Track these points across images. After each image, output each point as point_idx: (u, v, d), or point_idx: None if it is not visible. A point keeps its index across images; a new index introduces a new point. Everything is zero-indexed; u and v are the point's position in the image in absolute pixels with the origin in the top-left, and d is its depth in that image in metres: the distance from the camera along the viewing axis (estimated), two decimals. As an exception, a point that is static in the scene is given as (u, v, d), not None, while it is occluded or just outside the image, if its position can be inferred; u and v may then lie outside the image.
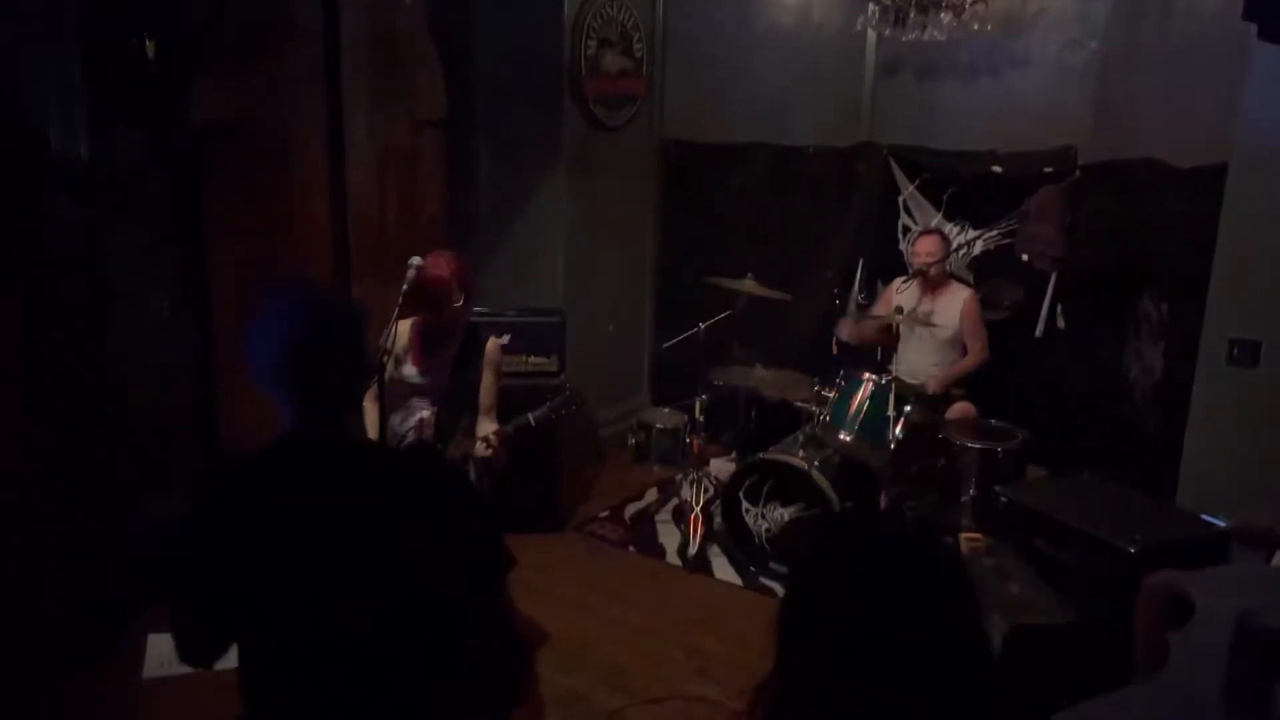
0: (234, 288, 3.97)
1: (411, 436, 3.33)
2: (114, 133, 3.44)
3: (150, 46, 3.34)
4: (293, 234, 4.25)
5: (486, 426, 3.37)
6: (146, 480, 3.66)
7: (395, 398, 3.33)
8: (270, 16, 4.01)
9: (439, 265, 3.22)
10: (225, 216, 3.94)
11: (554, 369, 4.59)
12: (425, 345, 3.38)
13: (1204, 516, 2.02)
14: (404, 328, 3.34)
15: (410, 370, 3.37)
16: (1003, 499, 3.39)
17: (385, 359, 3.00)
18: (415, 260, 3.03)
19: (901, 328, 4.35)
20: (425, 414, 3.37)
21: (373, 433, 3.22)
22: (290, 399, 1.62)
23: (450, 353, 3.38)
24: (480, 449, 3.19)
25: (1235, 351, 3.28)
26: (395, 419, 3.36)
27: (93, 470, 3.54)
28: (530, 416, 3.27)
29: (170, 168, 3.71)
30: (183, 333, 3.85)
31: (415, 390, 3.38)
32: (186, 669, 1.74)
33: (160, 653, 3.41)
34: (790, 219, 5.57)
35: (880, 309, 4.82)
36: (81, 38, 3.26)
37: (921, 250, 4.60)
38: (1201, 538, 2.93)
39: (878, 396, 4.04)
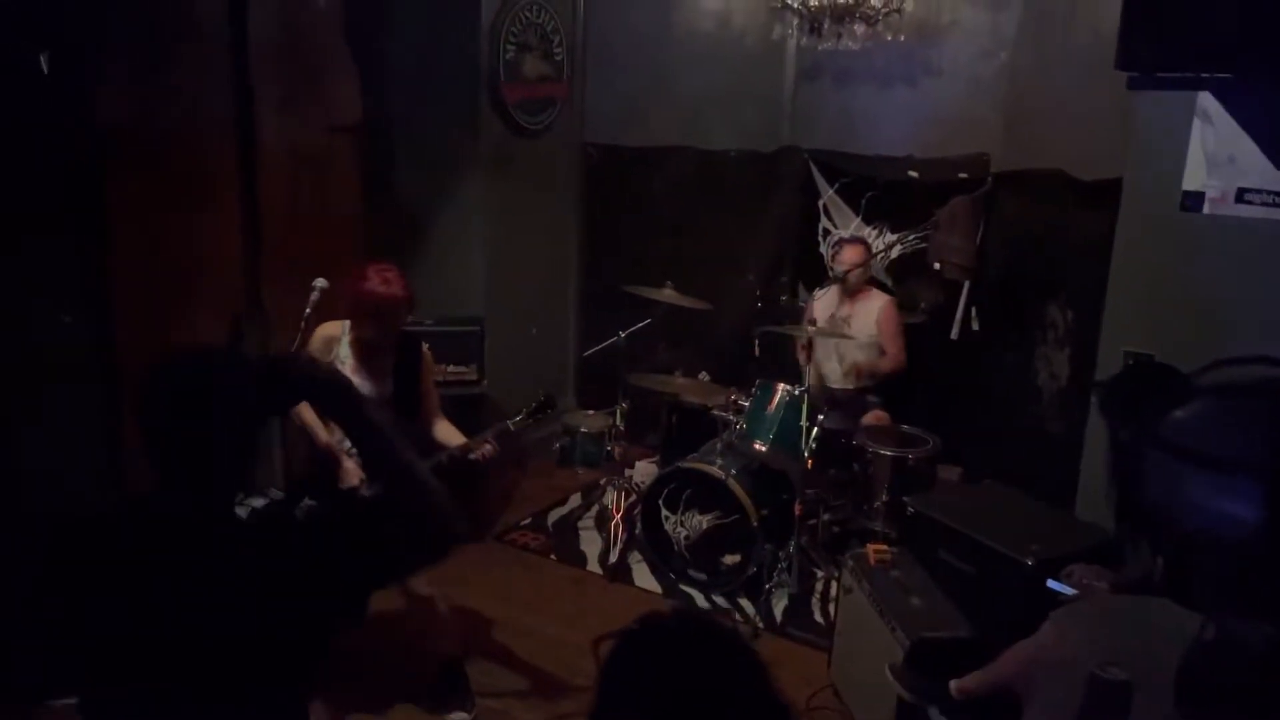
0: (141, 295, 3.89)
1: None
2: (9, 143, 3.34)
3: (44, 60, 3.24)
4: (202, 239, 4.17)
5: (445, 429, 3.37)
6: (46, 494, 3.57)
7: None
8: (173, 19, 3.91)
9: (392, 283, 3.11)
10: (131, 223, 3.85)
11: (474, 377, 4.57)
12: (367, 358, 3.30)
13: (1050, 583, 2.10)
14: (329, 331, 3.24)
15: (358, 385, 3.29)
16: (909, 509, 3.46)
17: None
18: (320, 282, 2.98)
19: (816, 338, 4.40)
20: None
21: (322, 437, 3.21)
22: (157, 464, 1.60)
23: (388, 363, 3.33)
24: (482, 450, 3.20)
25: (1130, 364, 3.37)
26: (338, 435, 3.30)
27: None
28: (509, 423, 3.27)
29: (72, 176, 3.61)
30: (86, 341, 3.76)
31: None
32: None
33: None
34: (712, 222, 5.60)
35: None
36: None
37: (846, 259, 4.65)
38: (1096, 549, 3.01)
39: (791, 406, 4.08)
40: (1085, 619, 1.48)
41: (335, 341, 3.25)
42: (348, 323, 3.23)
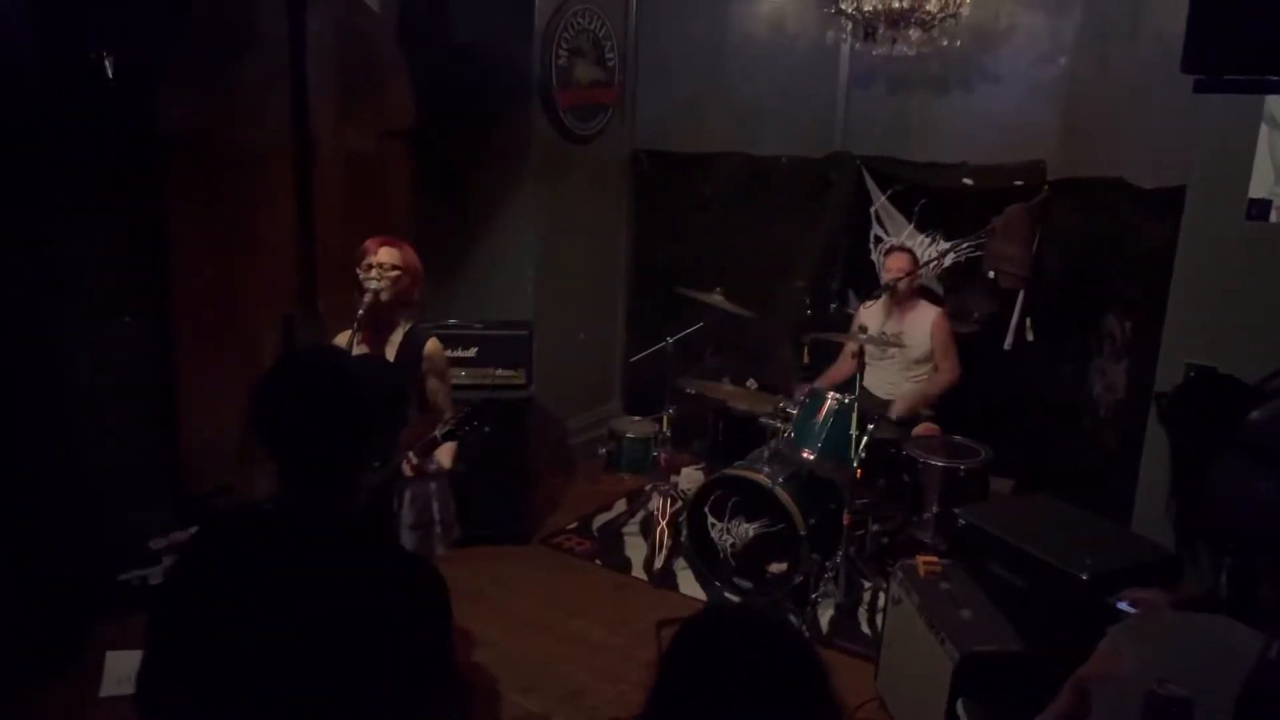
0: (198, 296, 3.97)
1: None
2: (73, 146, 3.44)
3: (109, 64, 3.32)
4: (258, 242, 4.23)
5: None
6: (105, 491, 3.66)
7: None
8: (233, 24, 3.99)
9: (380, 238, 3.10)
10: (189, 225, 3.92)
11: (521, 381, 4.58)
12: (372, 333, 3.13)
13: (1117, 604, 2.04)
14: (343, 339, 3.13)
15: None
16: (960, 520, 3.40)
17: None
18: (371, 284, 3.00)
19: (867, 348, 4.35)
20: None
21: None
22: (279, 466, 1.60)
23: (385, 358, 3.12)
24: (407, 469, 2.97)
25: (1192, 375, 3.28)
26: None
27: (49, 480, 3.53)
28: (435, 433, 3.09)
29: (132, 178, 3.70)
30: (144, 340, 3.85)
31: None
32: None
33: (118, 670, 3.39)
34: (762, 228, 5.57)
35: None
36: (38, 54, 3.25)
37: (892, 266, 4.60)
38: (1153, 564, 2.94)
39: (840, 415, 4.04)
40: (1140, 636, 1.44)
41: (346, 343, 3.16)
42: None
